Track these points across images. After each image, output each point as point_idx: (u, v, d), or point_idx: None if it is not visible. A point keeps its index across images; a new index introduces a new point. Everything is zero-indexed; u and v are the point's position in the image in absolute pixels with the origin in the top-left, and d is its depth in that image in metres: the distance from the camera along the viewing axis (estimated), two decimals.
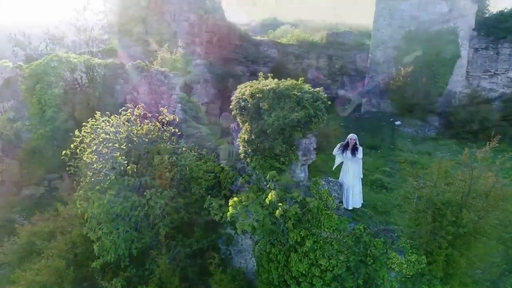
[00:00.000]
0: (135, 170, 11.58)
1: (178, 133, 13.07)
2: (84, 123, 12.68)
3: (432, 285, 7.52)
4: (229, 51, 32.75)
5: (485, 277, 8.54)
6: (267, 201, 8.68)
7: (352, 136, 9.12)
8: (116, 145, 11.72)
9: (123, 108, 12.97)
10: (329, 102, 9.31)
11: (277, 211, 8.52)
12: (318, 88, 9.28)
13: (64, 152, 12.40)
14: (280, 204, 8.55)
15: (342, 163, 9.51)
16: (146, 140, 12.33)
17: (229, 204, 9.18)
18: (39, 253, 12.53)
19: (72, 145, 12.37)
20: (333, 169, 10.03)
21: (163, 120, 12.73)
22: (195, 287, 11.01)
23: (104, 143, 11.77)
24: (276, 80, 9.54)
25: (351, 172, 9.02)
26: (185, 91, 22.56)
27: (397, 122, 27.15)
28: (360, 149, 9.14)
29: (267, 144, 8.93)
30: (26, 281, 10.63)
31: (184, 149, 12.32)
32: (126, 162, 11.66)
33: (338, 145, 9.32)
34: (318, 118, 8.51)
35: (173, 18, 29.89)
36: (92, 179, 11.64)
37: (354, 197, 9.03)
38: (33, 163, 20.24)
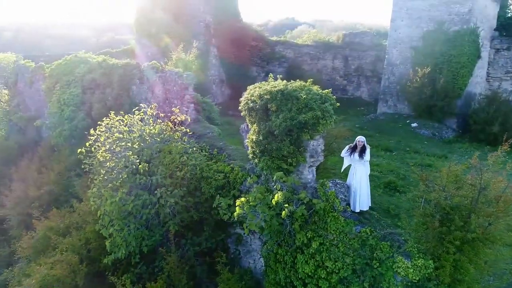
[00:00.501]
0: (147, 169, 11.80)
1: (190, 133, 13.22)
2: (99, 122, 13.01)
3: None
4: (244, 52, 32.86)
5: (496, 284, 8.34)
6: (273, 202, 8.72)
7: (360, 138, 9.05)
8: (129, 144, 11.97)
9: (137, 108, 13.24)
10: (338, 104, 9.24)
11: (284, 212, 8.55)
12: (326, 90, 9.24)
13: (79, 150, 12.76)
14: (286, 205, 8.57)
15: (350, 165, 9.45)
16: (158, 139, 12.55)
17: (236, 204, 9.24)
18: (55, 247, 12.92)
19: (87, 144, 12.71)
20: (341, 171, 9.98)
21: (175, 120, 12.92)
22: (203, 285, 11.14)
23: (118, 142, 12.04)
24: (284, 81, 9.56)
25: (359, 175, 8.95)
26: (200, 91, 22.82)
27: (414, 124, 26.72)
28: (368, 151, 9.06)
29: (275, 145, 8.97)
30: (40, 275, 10.98)
31: (194, 148, 12.47)
32: (138, 161, 11.90)
33: (346, 147, 9.27)
34: (326, 120, 8.48)
35: (190, 19, 30.17)
36: (105, 177, 11.94)
37: (362, 200, 8.95)
38: (53, 161, 20.84)
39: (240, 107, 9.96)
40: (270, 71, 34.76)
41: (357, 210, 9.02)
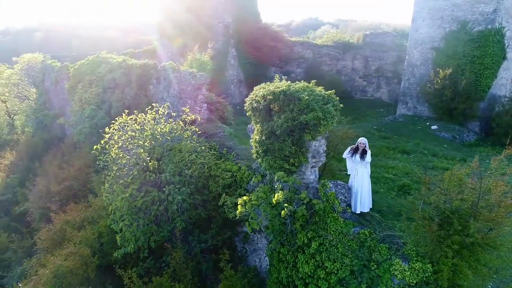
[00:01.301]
0: (157, 166, 12.13)
1: (199, 132, 13.47)
2: (112, 121, 13.46)
3: None
4: (263, 52, 33.00)
5: None
6: (274, 201, 8.81)
7: (361, 140, 9.01)
8: (140, 142, 12.34)
9: (149, 107, 13.62)
10: (341, 105, 9.24)
11: (283, 212, 8.63)
12: (330, 91, 9.25)
13: (95, 147, 13.26)
14: (286, 204, 8.65)
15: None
16: (169, 138, 12.87)
17: (238, 202, 9.38)
18: (70, 240, 13.45)
19: (102, 141, 13.18)
20: (348, 172, 9.92)
21: (185, 119, 13.20)
22: (208, 281, 11.35)
23: (130, 140, 12.43)
24: (288, 82, 9.63)
25: (360, 176, 8.91)
26: (218, 91, 23.11)
27: (434, 127, 26.12)
28: (369, 153, 9.01)
29: (277, 145, 9.06)
30: (54, 266, 11.49)
31: (203, 147, 12.71)
32: (149, 158, 12.25)
33: (348, 149, 9.24)
34: (327, 121, 8.50)
35: (209, 20, 30.57)
36: (117, 174, 12.34)
37: (363, 201, 8.91)
38: (74, 157, 21.63)
39: (245, 107, 10.11)
40: (289, 72, 34.91)
41: (358, 212, 8.99)
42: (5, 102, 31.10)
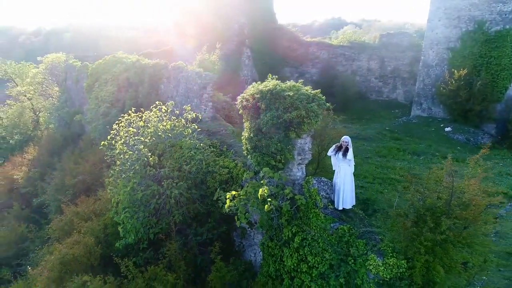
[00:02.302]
0: (158, 162, 12.68)
1: (199, 130, 13.92)
2: (119, 118, 14.14)
3: None
4: (277, 52, 33.29)
5: None
6: (259, 195, 9.13)
7: (344, 139, 9.21)
8: (142, 138, 12.93)
9: (153, 105, 14.21)
10: (328, 104, 9.47)
11: (266, 206, 8.94)
12: (316, 90, 9.49)
13: (102, 143, 13.99)
14: (269, 199, 8.97)
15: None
16: (170, 135, 13.41)
17: (227, 197, 9.77)
18: (78, 230, 14.21)
19: (108, 137, 13.88)
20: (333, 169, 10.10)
21: (187, 117, 13.71)
22: (203, 273, 11.78)
23: (132, 136, 13.05)
24: (276, 82, 9.93)
25: (343, 173, 9.11)
26: (233, 90, 23.54)
27: (447, 128, 25.69)
28: (351, 151, 9.19)
29: (264, 142, 9.39)
30: (60, 253, 12.22)
31: (202, 144, 13.16)
32: (150, 154, 12.82)
33: (333, 146, 9.46)
34: (311, 119, 8.75)
35: (225, 21, 31.10)
36: (121, 168, 12.98)
37: (345, 198, 9.11)
38: (90, 153, 22.61)
39: (237, 105, 10.48)
40: (303, 72, 35.06)
41: (340, 208, 9.20)
42: (30, 100, 32.76)
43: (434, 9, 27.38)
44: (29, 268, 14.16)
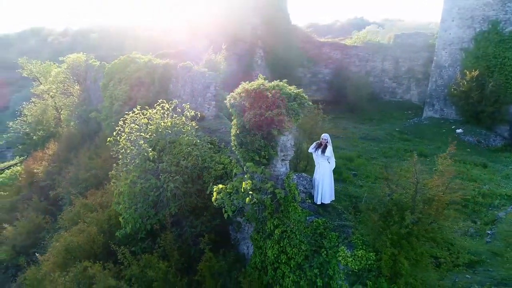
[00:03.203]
0: (157, 157, 13.37)
1: (196, 127, 14.52)
2: (124, 115, 14.93)
3: (378, 282, 7.75)
4: (290, 53, 33.56)
5: (448, 284, 8.34)
6: (242, 189, 9.61)
7: (324, 136, 9.57)
8: (143, 134, 13.66)
9: (157, 103, 14.93)
10: (310, 103, 9.84)
11: (247, 199, 9.42)
12: (298, 90, 9.88)
13: (108, 139, 14.83)
14: (250, 192, 9.43)
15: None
16: (170, 132, 14.08)
17: (213, 190, 10.30)
18: (85, 221, 15.11)
19: (114, 133, 14.70)
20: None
21: (186, 115, 14.34)
22: (195, 263, 12.34)
23: (134, 132, 13.80)
24: (262, 81, 10.38)
25: (322, 169, 9.47)
26: None
27: (459, 130, 25.35)
28: (329, 148, 9.53)
29: (249, 138, 9.86)
30: (65, 240, 13.10)
31: (199, 141, 13.76)
32: (151, 149, 13.53)
33: (314, 144, 9.83)
34: (291, 117, 9.17)
35: (238, 21, 31.64)
36: (123, 162, 13.76)
37: (324, 193, 9.45)
38: (104, 149, 23.65)
39: (227, 104, 11.00)
40: (316, 72, 35.21)
41: (319, 202, 9.56)
42: (53, 98, 34.44)
43: (447, 9, 27.07)
44: (37, 254, 15.15)
